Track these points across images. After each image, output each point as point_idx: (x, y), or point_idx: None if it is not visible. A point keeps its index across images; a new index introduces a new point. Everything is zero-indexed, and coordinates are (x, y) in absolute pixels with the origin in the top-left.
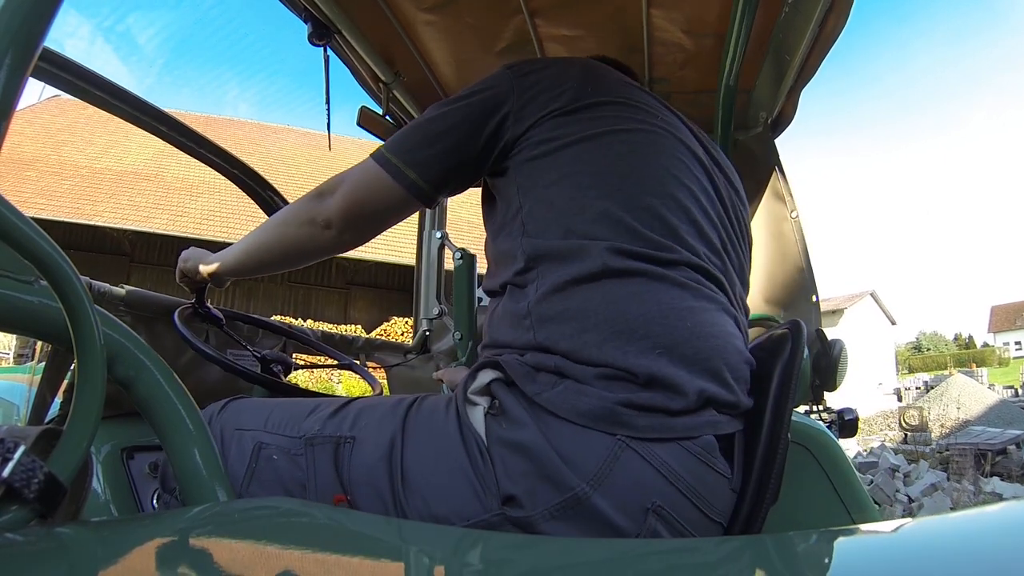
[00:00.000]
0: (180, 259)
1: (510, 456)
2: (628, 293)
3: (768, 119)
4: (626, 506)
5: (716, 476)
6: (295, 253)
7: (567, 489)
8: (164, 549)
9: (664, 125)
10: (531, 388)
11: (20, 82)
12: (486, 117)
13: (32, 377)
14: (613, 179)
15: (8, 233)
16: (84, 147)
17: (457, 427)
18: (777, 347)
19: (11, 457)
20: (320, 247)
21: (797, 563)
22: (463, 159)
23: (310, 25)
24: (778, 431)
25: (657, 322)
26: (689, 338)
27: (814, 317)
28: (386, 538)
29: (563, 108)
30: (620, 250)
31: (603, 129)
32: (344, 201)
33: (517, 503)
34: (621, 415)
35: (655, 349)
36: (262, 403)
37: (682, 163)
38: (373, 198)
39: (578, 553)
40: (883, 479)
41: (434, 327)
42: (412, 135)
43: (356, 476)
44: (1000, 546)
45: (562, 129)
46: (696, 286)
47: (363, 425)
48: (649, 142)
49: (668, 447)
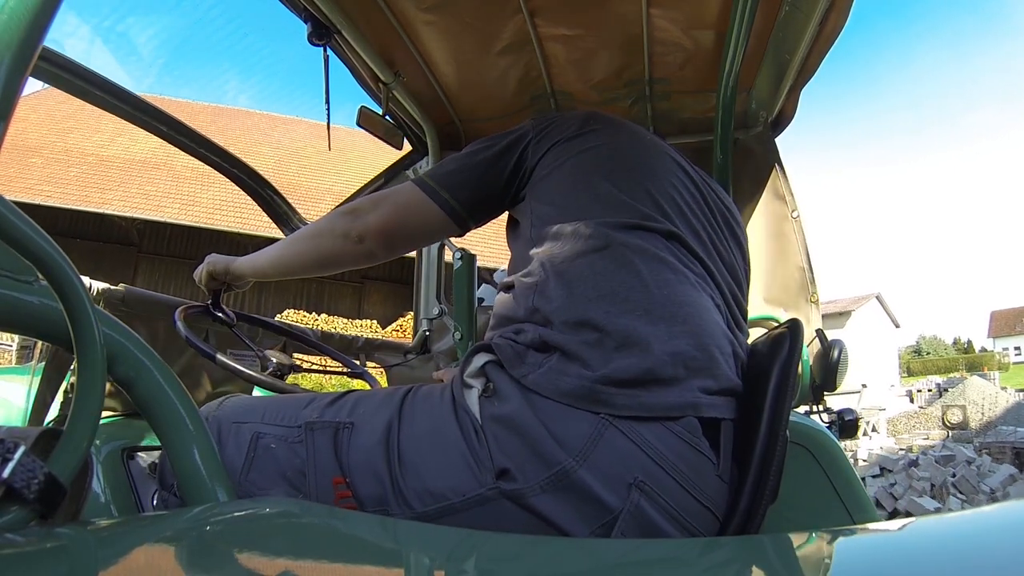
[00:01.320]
0: (206, 262)
1: (502, 432)
2: (615, 264)
3: (768, 118)
4: (610, 481)
5: (699, 456)
6: (327, 262)
7: (555, 463)
8: (164, 549)
9: (653, 141)
10: (519, 371)
11: (20, 82)
12: (510, 149)
13: (32, 378)
14: (606, 171)
15: (8, 233)
16: (91, 134)
17: (452, 408)
18: (776, 345)
19: (11, 458)
20: (350, 259)
21: (797, 563)
22: (492, 187)
23: (310, 25)
24: (776, 428)
25: (637, 289)
26: (664, 303)
27: (814, 317)
28: (385, 539)
29: (566, 136)
30: (609, 225)
31: (598, 143)
32: (383, 219)
33: (510, 476)
34: (600, 393)
35: (635, 311)
36: (259, 399)
37: (667, 165)
38: (412, 218)
39: (577, 553)
40: (965, 471)
41: (434, 327)
42: (449, 165)
43: (355, 459)
44: (1000, 546)
45: (565, 150)
46: (677, 264)
47: (361, 412)
48: (640, 148)
49: (651, 426)
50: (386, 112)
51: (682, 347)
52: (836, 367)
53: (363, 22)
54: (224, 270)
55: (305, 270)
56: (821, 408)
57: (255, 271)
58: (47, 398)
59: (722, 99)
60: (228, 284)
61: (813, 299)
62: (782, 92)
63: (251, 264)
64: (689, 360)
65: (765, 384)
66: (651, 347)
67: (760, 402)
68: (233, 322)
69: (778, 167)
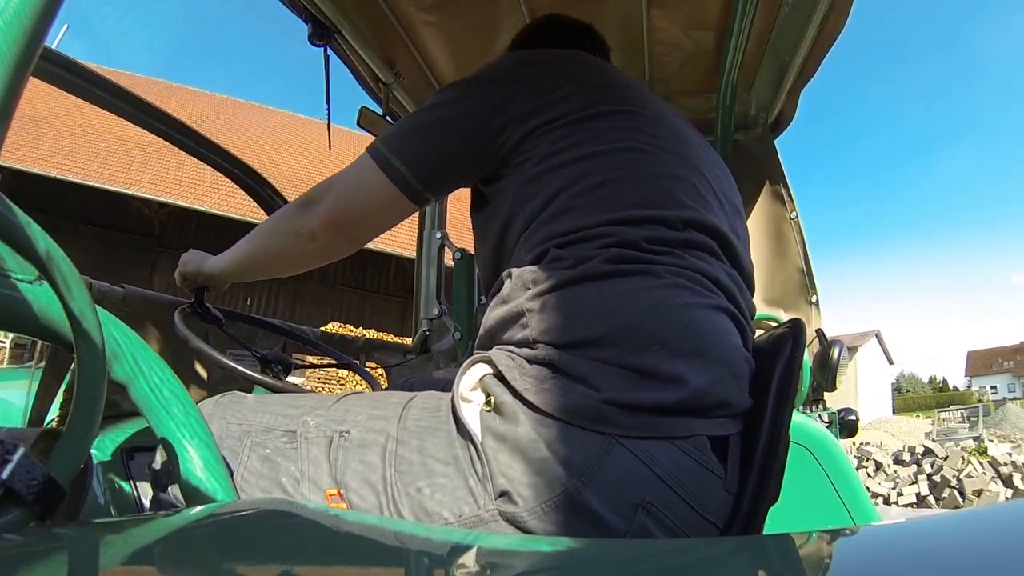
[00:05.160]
0: (180, 261)
1: (503, 452)
2: (624, 290)
3: (768, 119)
4: (616, 502)
5: (709, 475)
6: (285, 263)
7: (558, 485)
8: (164, 549)
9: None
10: (521, 384)
11: (20, 82)
12: (492, 115)
13: (32, 378)
14: (614, 186)
15: (8, 233)
16: (105, 113)
17: (451, 423)
18: (778, 346)
19: (10, 459)
20: (306, 259)
21: (797, 563)
22: (458, 157)
23: (310, 25)
24: (778, 430)
25: (652, 318)
26: (685, 334)
27: (814, 318)
28: (386, 539)
29: (570, 117)
30: (616, 245)
31: (610, 146)
32: (331, 207)
33: (510, 499)
34: (607, 413)
35: (651, 345)
36: (255, 399)
37: (696, 153)
38: (360, 200)
39: (576, 553)
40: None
41: (434, 327)
42: (406, 124)
43: (350, 471)
44: (1001, 546)
45: (566, 134)
46: (693, 285)
47: (357, 420)
48: (661, 135)
49: (659, 444)
50: (386, 112)
51: (700, 383)
52: (836, 367)
53: (363, 22)
54: (196, 271)
55: (264, 272)
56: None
57: (222, 272)
58: (47, 398)
59: (722, 100)
60: (205, 285)
61: (812, 300)
62: (782, 93)
63: (217, 264)
64: (706, 396)
65: (767, 385)
66: (672, 381)
67: (762, 403)
68: (222, 321)
69: (778, 169)
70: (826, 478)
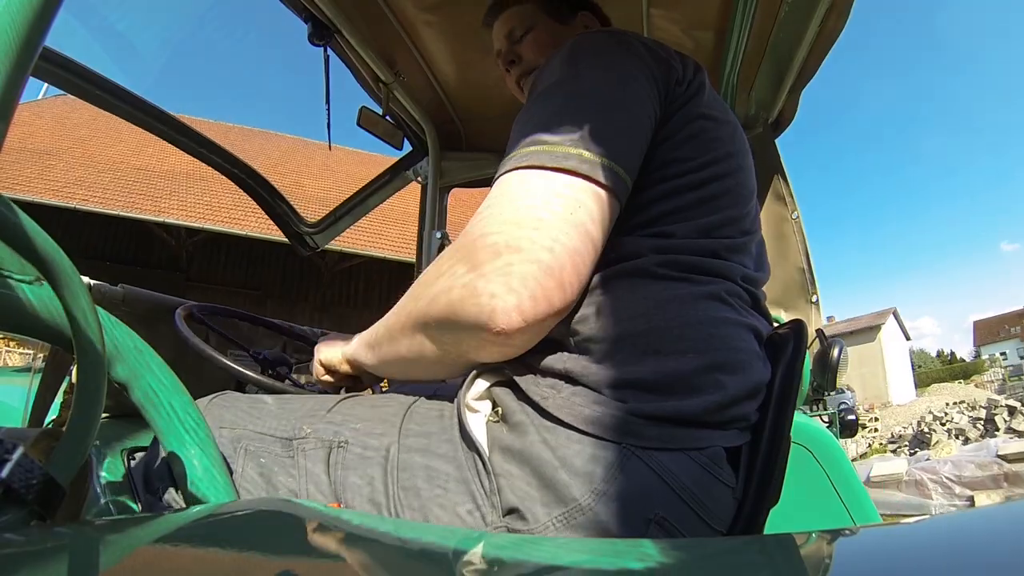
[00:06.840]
0: (315, 349)
1: (512, 465)
2: (667, 297)
3: (768, 119)
4: (629, 517)
5: (721, 487)
6: (451, 369)
7: (570, 500)
8: (164, 549)
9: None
10: (536, 392)
11: (20, 82)
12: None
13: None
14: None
15: (8, 233)
16: (113, 144)
17: (456, 434)
18: (779, 347)
19: (10, 458)
20: (489, 357)
21: (797, 563)
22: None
23: (310, 25)
24: (780, 432)
25: (692, 327)
26: (721, 348)
27: (814, 318)
28: (387, 539)
29: (687, 111)
30: (660, 251)
31: (707, 128)
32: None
33: (519, 515)
34: (631, 424)
35: (686, 353)
36: (252, 400)
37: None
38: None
39: (576, 553)
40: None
41: None
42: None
43: (350, 487)
44: (1001, 546)
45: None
46: (729, 298)
47: (358, 428)
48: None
49: (674, 456)
50: (386, 112)
51: (726, 396)
52: (836, 367)
53: (363, 22)
54: (338, 359)
55: (417, 376)
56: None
57: (366, 364)
58: (47, 398)
59: None
60: (355, 375)
61: (813, 300)
62: (782, 93)
63: (356, 351)
64: (730, 408)
65: (769, 387)
66: (695, 392)
67: (764, 405)
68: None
69: (778, 168)
70: (826, 478)
